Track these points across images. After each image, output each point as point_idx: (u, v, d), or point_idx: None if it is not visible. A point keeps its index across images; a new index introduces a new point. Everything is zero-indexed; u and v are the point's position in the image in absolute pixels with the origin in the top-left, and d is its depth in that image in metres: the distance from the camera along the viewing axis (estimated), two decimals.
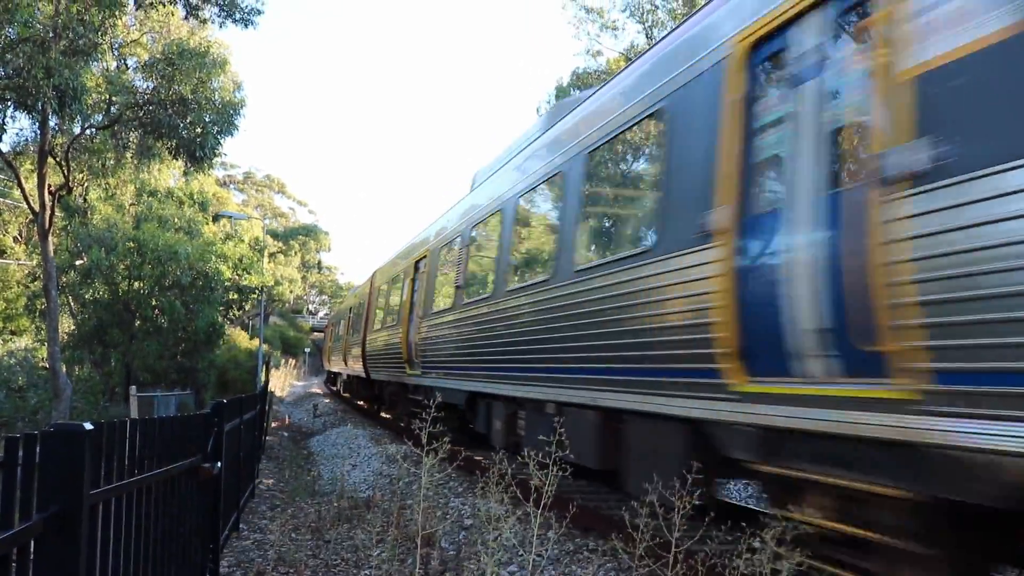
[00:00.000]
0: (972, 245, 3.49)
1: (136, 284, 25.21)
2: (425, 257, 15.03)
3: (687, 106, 6.07)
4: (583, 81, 30.29)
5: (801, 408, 4.51)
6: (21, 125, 37.42)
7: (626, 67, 7.75)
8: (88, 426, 3.26)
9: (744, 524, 4.16)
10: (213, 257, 26.93)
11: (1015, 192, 3.33)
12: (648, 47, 8.17)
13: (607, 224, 7.81)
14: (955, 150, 3.65)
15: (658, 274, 6.02)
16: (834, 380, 4.41)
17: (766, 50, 5.32)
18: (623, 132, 7.17)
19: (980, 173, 3.50)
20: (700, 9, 6.41)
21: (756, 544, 4.00)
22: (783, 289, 4.78)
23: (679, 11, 27.74)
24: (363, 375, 22.46)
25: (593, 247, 7.70)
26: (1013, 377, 3.34)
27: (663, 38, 7.07)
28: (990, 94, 3.58)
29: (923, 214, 3.76)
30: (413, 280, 15.84)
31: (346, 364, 27.39)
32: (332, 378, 42.44)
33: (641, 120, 6.85)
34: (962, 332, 3.56)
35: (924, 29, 3.95)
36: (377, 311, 20.38)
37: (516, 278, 9.44)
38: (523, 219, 9.80)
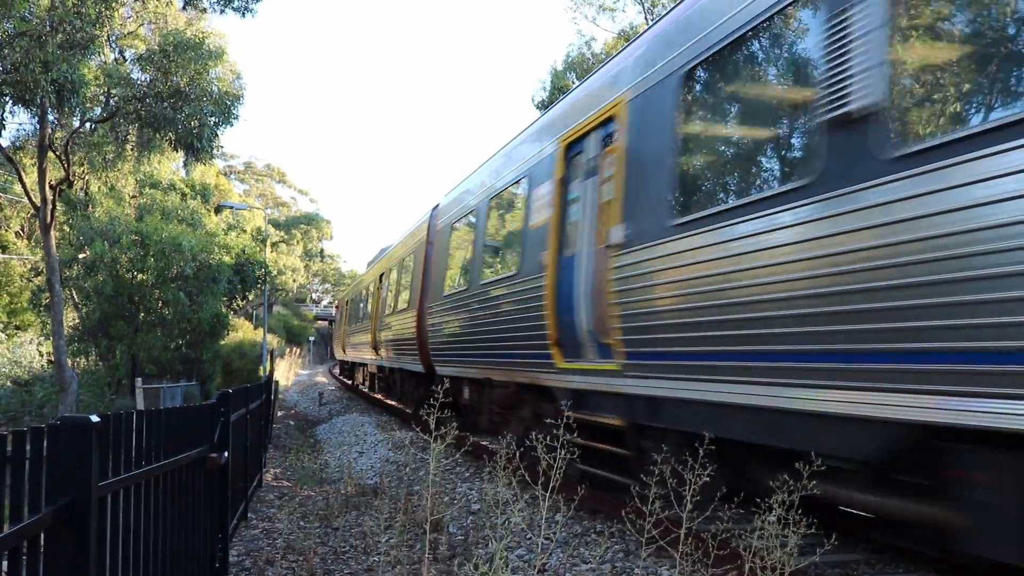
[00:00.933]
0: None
1: (140, 276, 25.22)
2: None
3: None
4: (577, 66, 30.14)
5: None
6: (20, 120, 37.43)
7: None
8: (95, 418, 3.26)
9: (758, 499, 4.17)
10: (216, 248, 26.92)
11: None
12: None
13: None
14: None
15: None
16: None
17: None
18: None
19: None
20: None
21: (764, 520, 4.01)
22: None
23: None
24: (418, 369, 15.03)
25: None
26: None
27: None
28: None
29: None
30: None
31: (377, 352, 20.80)
32: (347, 369, 35.37)
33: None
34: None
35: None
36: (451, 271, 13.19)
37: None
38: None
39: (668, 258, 5.95)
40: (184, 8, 20.82)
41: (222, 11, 19.97)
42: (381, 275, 21.36)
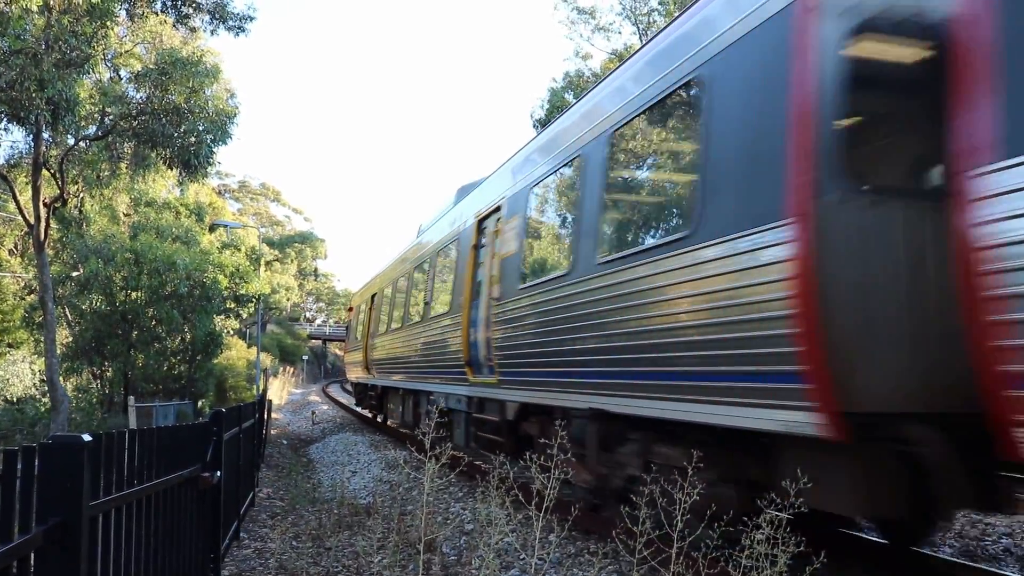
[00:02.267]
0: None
1: (134, 294, 25.16)
2: None
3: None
4: (576, 84, 30.27)
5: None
6: (15, 137, 37.38)
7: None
8: (87, 437, 3.26)
9: (746, 518, 4.18)
10: (210, 267, 26.88)
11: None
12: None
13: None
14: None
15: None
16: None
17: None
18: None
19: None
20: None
21: (755, 535, 4.02)
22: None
23: (673, 10, 27.77)
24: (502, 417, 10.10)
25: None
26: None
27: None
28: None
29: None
30: None
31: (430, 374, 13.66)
32: (364, 396, 25.04)
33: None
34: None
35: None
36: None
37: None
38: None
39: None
40: (175, 27, 20.87)
41: (214, 32, 20.00)
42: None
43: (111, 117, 19.88)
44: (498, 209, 10.44)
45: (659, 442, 6.48)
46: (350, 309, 27.64)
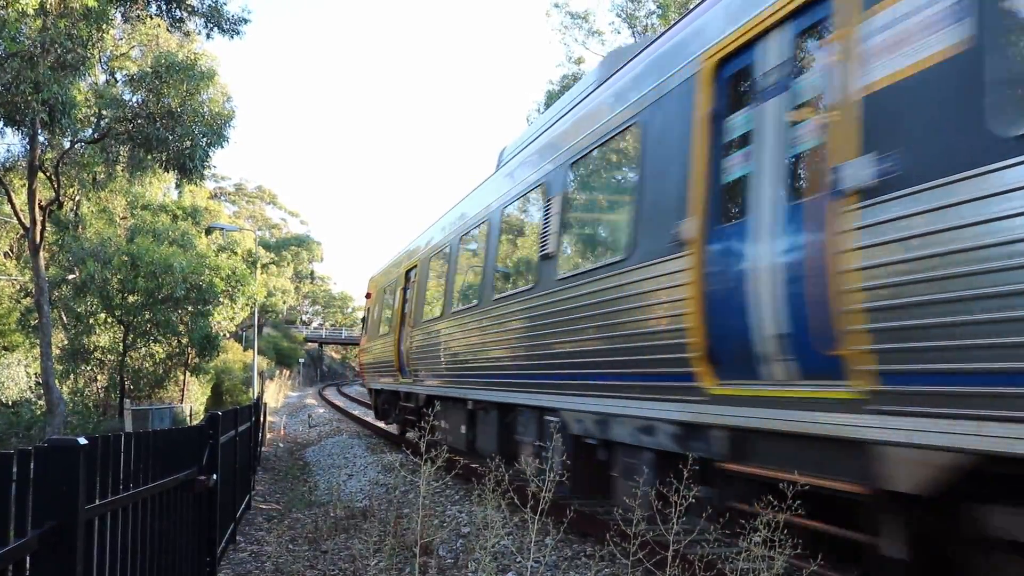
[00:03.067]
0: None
1: (130, 298, 25.13)
2: None
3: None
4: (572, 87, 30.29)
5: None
6: (10, 140, 37.36)
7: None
8: (83, 441, 3.25)
9: (743, 521, 4.18)
10: (207, 270, 26.87)
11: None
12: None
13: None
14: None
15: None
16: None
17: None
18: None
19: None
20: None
21: (751, 539, 4.02)
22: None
23: (671, 16, 27.84)
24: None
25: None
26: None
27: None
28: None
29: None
30: None
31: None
32: (393, 408, 18.32)
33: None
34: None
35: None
36: None
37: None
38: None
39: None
40: (170, 30, 20.85)
41: (208, 35, 19.98)
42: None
43: (107, 120, 19.87)
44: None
45: None
46: (368, 295, 21.68)
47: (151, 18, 19.85)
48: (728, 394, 5.24)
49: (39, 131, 18.26)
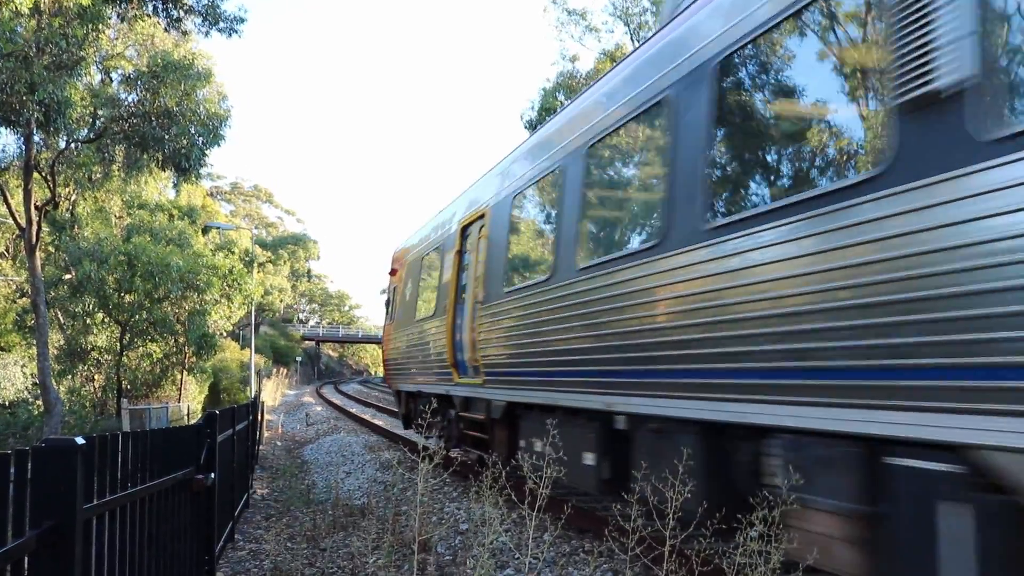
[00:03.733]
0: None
1: (128, 297, 25.11)
2: None
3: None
4: (565, 86, 30.31)
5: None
6: (6, 140, 37.28)
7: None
8: (80, 440, 3.25)
9: (739, 515, 4.18)
10: (204, 269, 26.85)
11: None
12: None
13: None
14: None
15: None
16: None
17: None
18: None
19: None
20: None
21: (749, 534, 4.03)
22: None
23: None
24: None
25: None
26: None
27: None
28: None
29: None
30: None
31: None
32: (441, 419, 12.61)
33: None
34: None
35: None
36: None
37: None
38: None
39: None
40: (167, 30, 20.81)
41: (207, 34, 19.93)
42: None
43: (102, 120, 19.84)
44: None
45: None
46: (393, 272, 16.89)
47: (147, 17, 19.81)
48: None
49: (35, 131, 18.22)
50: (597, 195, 7.50)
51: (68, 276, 25.03)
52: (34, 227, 19.79)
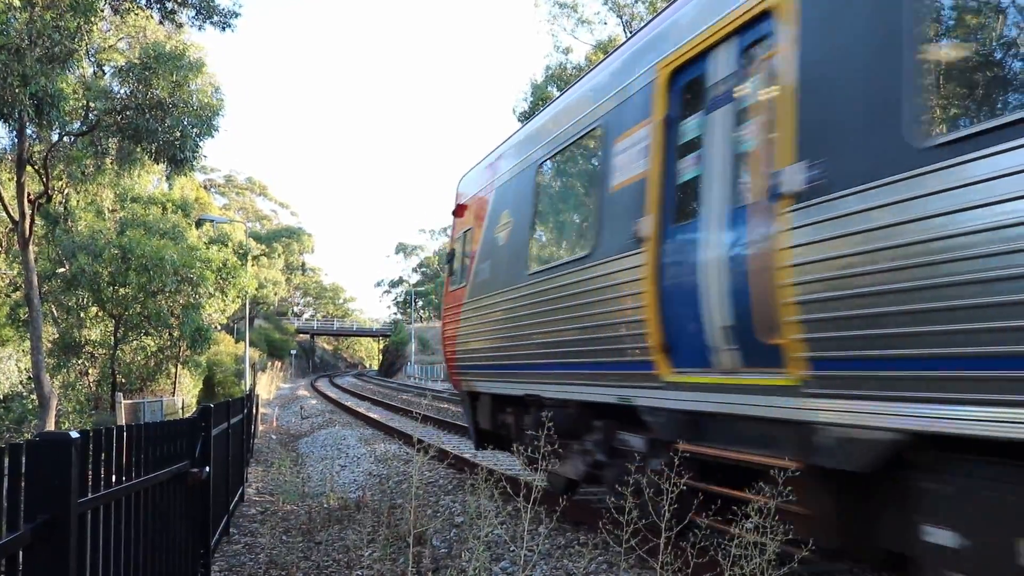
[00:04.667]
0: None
1: (121, 291, 25.06)
2: None
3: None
4: (557, 78, 30.29)
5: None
6: None
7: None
8: (75, 434, 3.24)
9: (734, 508, 4.19)
10: (198, 263, 26.80)
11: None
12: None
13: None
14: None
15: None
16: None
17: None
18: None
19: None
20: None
21: (742, 527, 4.04)
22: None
23: (658, 3, 27.80)
24: None
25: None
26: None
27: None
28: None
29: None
30: None
31: None
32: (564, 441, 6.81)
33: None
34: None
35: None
36: None
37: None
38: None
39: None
40: (161, 23, 20.73)
41: (200, 27, 19.86)
42: None
43: (95, 112, 19.77)
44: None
45: None
46: (461, 209, 11.35)
47: (141, 10, 19.73)
48: None
49: (27, 124, 18.16)
50: None
51: (62, 269, 24.97)
52: (27, 220, 19.73)
